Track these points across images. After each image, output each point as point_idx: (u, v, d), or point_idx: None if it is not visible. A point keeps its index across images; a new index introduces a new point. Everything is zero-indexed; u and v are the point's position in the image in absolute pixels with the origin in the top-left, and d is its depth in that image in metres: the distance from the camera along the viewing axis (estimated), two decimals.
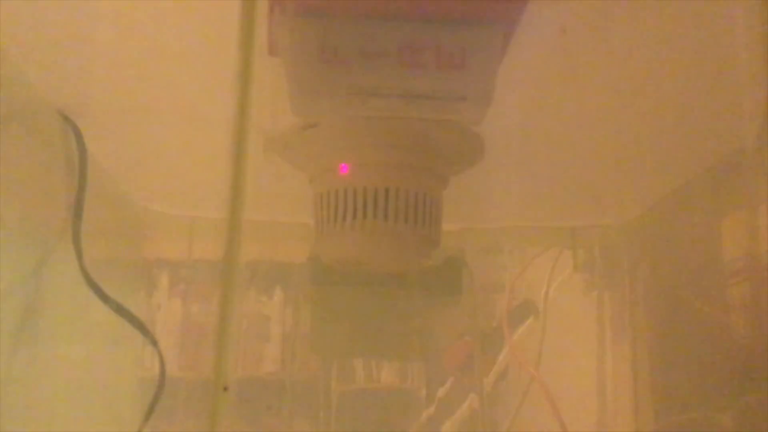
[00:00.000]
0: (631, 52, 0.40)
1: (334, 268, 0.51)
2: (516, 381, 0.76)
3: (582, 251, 0.76)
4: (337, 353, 0.71)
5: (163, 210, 0.68)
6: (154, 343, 0.55)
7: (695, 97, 0.43)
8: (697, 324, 0.59)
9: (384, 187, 0.45)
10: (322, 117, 0.45)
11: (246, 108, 0.32)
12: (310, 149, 0.47)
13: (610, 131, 0.50)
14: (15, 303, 0.48)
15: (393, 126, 0.45)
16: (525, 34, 0.38)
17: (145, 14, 0.41)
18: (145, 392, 0.57)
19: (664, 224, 0.65)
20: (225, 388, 0.29)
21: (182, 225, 0.69)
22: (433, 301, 0.63)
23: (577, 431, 0.72)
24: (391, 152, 0.46)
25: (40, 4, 0.40)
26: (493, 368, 0.75)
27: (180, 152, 0.57)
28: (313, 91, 0.40)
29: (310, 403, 0.73)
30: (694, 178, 0.55)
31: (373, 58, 0.39)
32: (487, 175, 0.54)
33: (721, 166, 0.49)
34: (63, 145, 0.53)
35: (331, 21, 0.38)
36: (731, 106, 0.39)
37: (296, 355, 0.75)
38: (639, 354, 0.71)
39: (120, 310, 0.52)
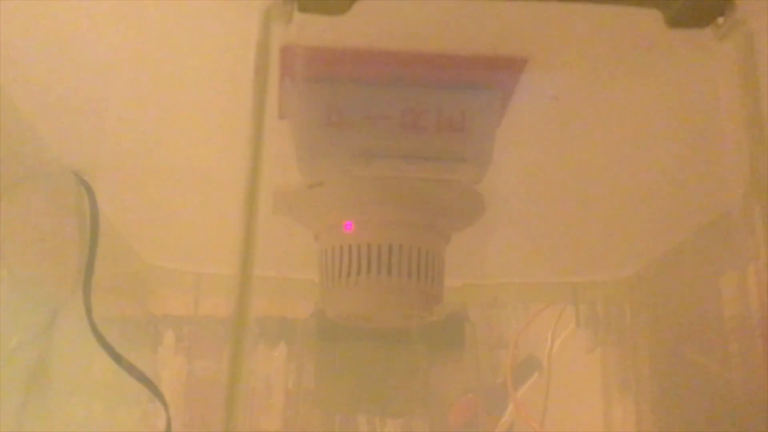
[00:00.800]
0: (622, 118, 0.42)
1: (339, 323, 0.51)
2: None
3: (584, 307, 0.77)
4: (341, 409, 0.71)
5: (170, 266, 0.69)
6: (165, 404, 0.56)
7: (684, 160, 0.45)
8: (698, 378, 0.59)
9: (387, 243, 0.46)
10: (327, 177, 0.46)
11: (257, 168, 0.33)
12: (315, 207, 0.48)
13: (606, 190, 0.51)
14: (26, 360, 0.49)
15: (396, 185, 0.47)
16: (521, 99, 0.40)
17: (160, 78, 0.43)
18: None
19: (662, 280, 0.66)
20: None
21: (189, 281, 0.70)
22: (437, 356, 0.64)
23: None
24: (394, 210, 0.47)
25: (56, 65, 0.41)
26: (498, 426, 0.75)
27: (189, 210, 0.59)
28: (319, 152, 0.41)
29: None
30: (688, 238, 0.56)
31: (377, 121, 0.40)
32: (489, 233, 0.56)
33: (713, 227, 0.51)
34: (75, 204, 0.55)
35: (337, 86, 0.40)
36: (718, 171, 0.41)
37: (300, 411, 0.75)
38: (642, 408, 0.71)
39: (132, 369, 0.52)
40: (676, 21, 0.32)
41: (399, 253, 0.47)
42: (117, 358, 0.50)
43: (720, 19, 0.32)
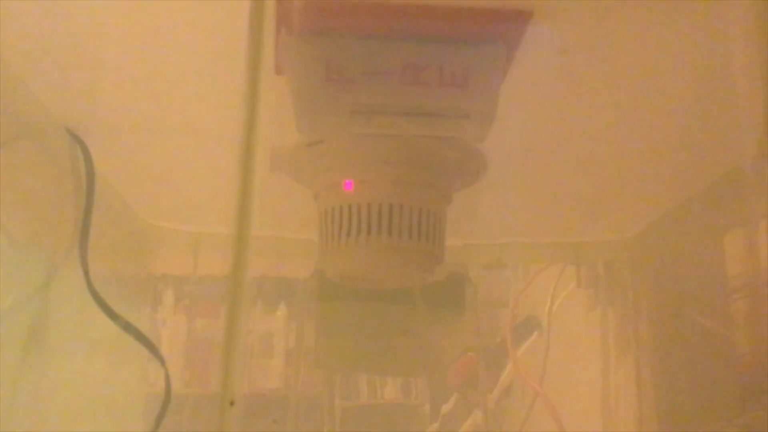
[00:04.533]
0: (631, 72, 0.41)
1: (339, 283, 0.51)
2: (520, 397, 0.76)
3: (585, 267, 0.76)
4: (341, 368, 0.72)
5: (168, 226, 0.69)
6: (162, 361, 0.56)
7: (694, 116, 0.44)
8: (700, 339, 0.59)
9: (388, 203, 0.46)
10: (326, 134, 0.45)
11: (253, 125, 0.32)
12: (315, 166, 0.48)
13: (612, 148, 0.50)
14: (23, 318, 0.48)
15: (396, 143, 0.46)
16: (527, 54, 0.39)
17: (153, 33, 0.42)
18: (150, 408, 0.57)
19: (666, 240, 0.65)
20: (231, 403, 0.30)
21: (187, 240, 0.69)
22: (437, 316, 0.64)
23: None
24: (395, 169, 0.46)
25: (49, 22, 0.40)
26: (497, 384, 0.76)
27: (186, 169, 0.58)
28: (318, 109, 0.40)
29: (314, 418, 0.73)
30: (695, 195, 0.55)
31: (377, 77, 0.39)
32: (490, 192, 0.55)
33: (722, 183, 0.50)
34: (71, 162, 0.54)
35: (335, 40, 0.39)
36: (729, 126, 0.40)
37: (300, 371, 0.75)
38: (642, 369, 0.71)
39: (128, 327, 0.52)
40: None
41: (399, 213, 0.46)
42: (114, 317, 0.50)
43: None
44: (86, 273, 0.50)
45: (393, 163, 0.46)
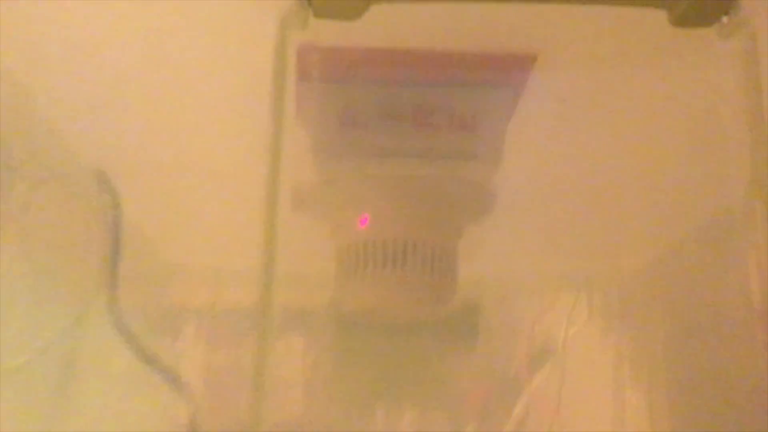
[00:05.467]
0: (627, 116, 0.43)
1: (354, 317, 0.53)
2: (536, 426, 0.77)
3: (598, 296, 0.77)
4: (358, 400, 0.73)
5: (192, 262, 0.70)
6: (190, 399, 0.57)
7: (687, 157, 0.45)
8: (714, 368, 0.60)
9: (402, 240, 0.48)
10: (342, 175, 0.47)
11: (277, 167, 0.34)
12: (332, 204, 0.50)
13: (613, 184, 0.52)
14: (55, 358, 0.50)
15: (409, 183, 0.48)
16: (530, 97, 0.41)
17: (181, 80, 0.44)
18: None
19: (677, 269, 0.66)
20: None
21: (209, 276, 0.71)
22: (451, 347, 0.65)
23: None
24: (408, 207, 0.48)
25: (79, 65, 0.42)
26: (513, 413, 0.76)
27: (209, 209, 0.60)
28: (334, 152, 0.43)
29: None
30: (692, 231, 0.56)
31: (390, 121, 0.42)
32: (501, 226, 0.56)
33: (716, 222, 0.52)
34: (98, 202, 0.56)
35: (351, 87, 0.41)
36: (719, 169, 0.42)
37: (318, 402, 0.76)
38: (657, 398, 0.72)
39: (157, 365, 0.53)
40: (681, 20, 0.33)
41: (413, 249, 0.48)
42: (144, 354, 0.52)
43: (725, 19, 0.33)
44: (116, 311, 0.52)
45: (405, 202, 0.48)
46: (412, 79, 0.41)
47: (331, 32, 0.37)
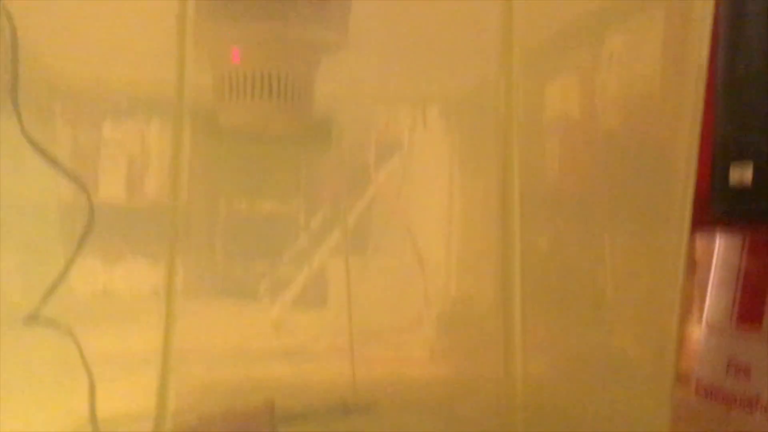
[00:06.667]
0: None
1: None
2: (381, 209, 0.92)
3: (435, 108, 0.90)
4: (224, 192, 0.85)
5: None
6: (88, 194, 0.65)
7: None
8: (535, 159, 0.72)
9: (267, 71, 0.59)
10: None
11: None
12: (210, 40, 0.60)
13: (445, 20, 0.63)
14: None
15: (272, 23, 0.58)
16: None
17: None
18: None
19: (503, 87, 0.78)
20: None
21: None
22: (309, 152, 0.79)
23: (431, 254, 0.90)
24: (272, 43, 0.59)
25: None
26: (360, 201, 0.91)
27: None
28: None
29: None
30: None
31: None
32: (353, 55, 0.67)
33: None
34: None
35: None
36: None
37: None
38: (485, 185, 0.83)
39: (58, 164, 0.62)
40: None
41: (277, 79, 0.60)
42: (47, 157, 0.61)
43: None
44: (20, 120, 0.60)
45: (271, 39, 0.59)
46: None
47: None
